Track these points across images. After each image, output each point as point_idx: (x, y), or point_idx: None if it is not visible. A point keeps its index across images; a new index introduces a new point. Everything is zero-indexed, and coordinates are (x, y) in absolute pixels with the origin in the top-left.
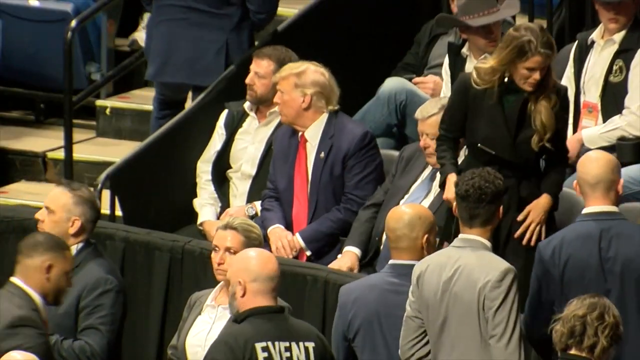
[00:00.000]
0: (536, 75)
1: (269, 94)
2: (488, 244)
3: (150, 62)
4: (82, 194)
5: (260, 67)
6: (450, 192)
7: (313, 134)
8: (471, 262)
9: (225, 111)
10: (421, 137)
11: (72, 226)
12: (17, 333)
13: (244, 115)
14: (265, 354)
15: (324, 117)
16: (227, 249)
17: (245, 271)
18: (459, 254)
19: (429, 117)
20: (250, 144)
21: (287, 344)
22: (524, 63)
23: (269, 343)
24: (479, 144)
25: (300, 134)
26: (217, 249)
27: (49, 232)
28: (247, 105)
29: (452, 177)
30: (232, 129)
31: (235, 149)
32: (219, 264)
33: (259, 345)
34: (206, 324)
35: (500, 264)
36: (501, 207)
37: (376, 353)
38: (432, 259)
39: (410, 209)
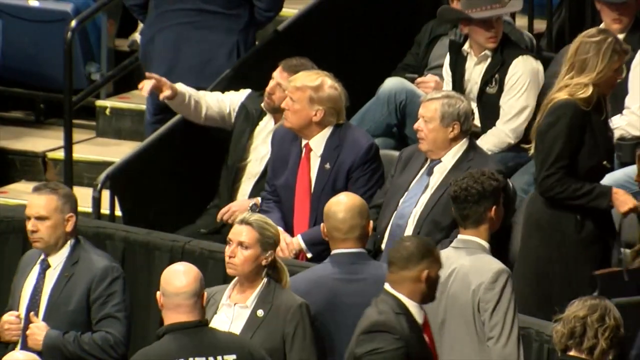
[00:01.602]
0: (621, 75)
1: None
2: (485, 244)
3: (154, 70)
4: (64, 191)
5: (285, 81)
6: (626, 204)
7: (317, 143)
8: (466, 264)
9: (242, 95)
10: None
11: (69, 224)
12: (372, 339)
13: (261, 114)
14: None
15: (330, 127)
16: (240, 243)
17: (162, 284)
18: (456, 255)
19: (429, 100)
20: (261, 143)
21: (204, 359)
22: (615, 64)
23: None
24: (604, 162)
25: (304, 142)
26: (230, 242)
27: (413, 238)
28: (264, 104)
29: (616, 190)
30: (252, 126)
31: (249, 146)
32: (230, 257)
33: None
34: (224, 324)
35: (493, 265)
36: (494, 208)
37: (331, 341)
38: None
39: (349, 197)
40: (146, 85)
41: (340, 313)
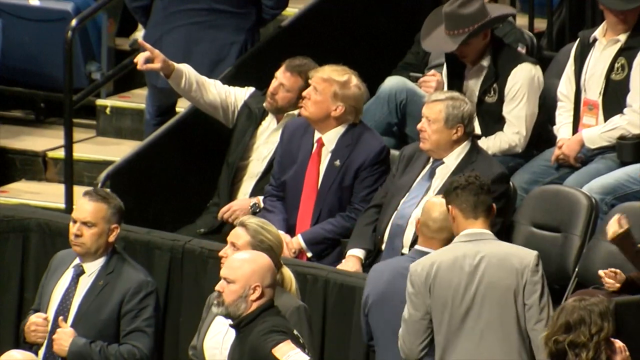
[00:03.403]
0: None
1: (289, 107)
2: (496, 237)
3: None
4: (115, 202)
5: (288, 81)
6: None
7: (330, 138)
8: (497, 250)
9: (246, 93)
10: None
11: (112, 234)
12: None
13: (264, 114)
14: None
15: (345, 125)
16: (232, 244)
17: (262, 275)
18: (474, 246)
19: (433, 101)
20: (263, 143)
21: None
22: None
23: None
24: None
25: (317, 137)
26: (226, 242)
27: None
28: (267, 104)
29: None
30: (254, 125)
31: (252, 145)
32: (222, 257)
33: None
34: (223, 325)
35: (528, 250)
36: (494, 206)
37: (382, 331)
38: (437, 258)
39: None
40: (140, 58)
41: (389, 304)
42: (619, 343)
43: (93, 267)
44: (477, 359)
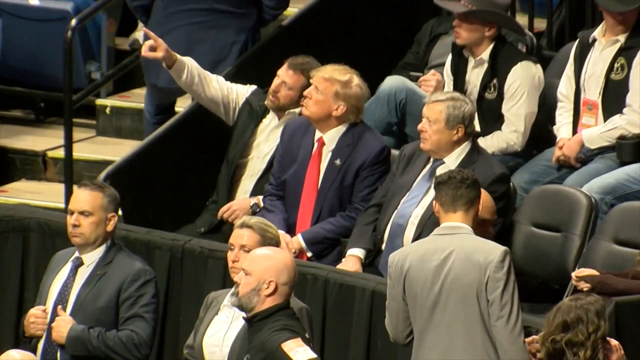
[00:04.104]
0: None
1: (290, 105)
2: (472, 231)
3: (162, 70)
4: (110, 191)
5: (290, 79)
6: None
7: (331, 138)
8: (466, 245)
9: (248, 90)
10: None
11: (110, 223)
12: None
13: (265, 111)
14: None
15: (345, 124)
16: (242, 247)
17: (279, 272)
18: (447, 240)
19: (433, 101)
20: (264, 141)
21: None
22: None
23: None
24: None
25: (317, 136)
26: (232, 247)
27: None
28: (268, 102)
29: None
30: (255, 122)
31: (252, 143)
32: (234, 262)
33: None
34: (223, 324)
35: (497, 246)
36: (480, 201)
37: None
38: (412, 250)
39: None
40: (144, 48)
41: None
42: (614, 342)
43: (92, 258)
44: (444, 353)
